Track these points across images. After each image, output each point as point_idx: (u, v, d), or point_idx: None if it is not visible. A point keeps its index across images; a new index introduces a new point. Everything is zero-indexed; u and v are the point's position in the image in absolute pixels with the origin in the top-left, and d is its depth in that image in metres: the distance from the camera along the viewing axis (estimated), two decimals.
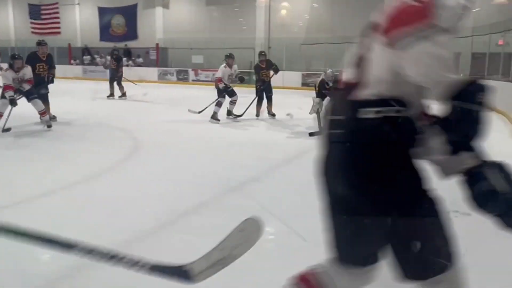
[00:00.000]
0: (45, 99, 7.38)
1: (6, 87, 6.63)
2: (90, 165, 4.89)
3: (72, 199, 3.74)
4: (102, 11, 24.09)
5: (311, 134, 6.92)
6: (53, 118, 7.71)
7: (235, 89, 8.69)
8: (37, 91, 7.10)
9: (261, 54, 9.32)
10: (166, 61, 22.20)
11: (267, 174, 4.71)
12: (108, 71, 13.35)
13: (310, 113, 7.38)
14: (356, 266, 1.57)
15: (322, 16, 19.27)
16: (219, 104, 8.42)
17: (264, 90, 8.90)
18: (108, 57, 22.32)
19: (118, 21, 24.00)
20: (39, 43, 7.76)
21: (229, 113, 8.72)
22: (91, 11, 24.46)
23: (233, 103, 8.63)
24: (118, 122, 8.03)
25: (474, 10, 16.02)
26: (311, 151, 5.91)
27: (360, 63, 1.48)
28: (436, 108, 1.39)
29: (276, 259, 2.74)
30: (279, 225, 3.32)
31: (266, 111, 9.01)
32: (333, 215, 1.63)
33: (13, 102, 6.51)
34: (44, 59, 7.63)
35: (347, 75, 1.53)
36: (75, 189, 4.01)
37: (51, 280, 2.45)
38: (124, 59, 22.41)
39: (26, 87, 6.83)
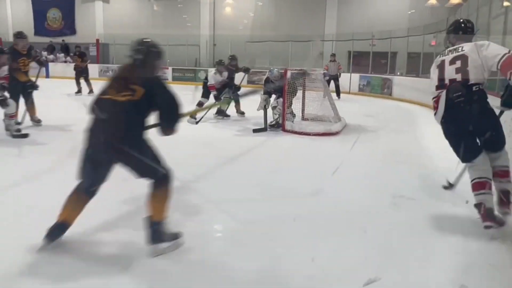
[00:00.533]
0: (30, 98, 6.91)
1: None
2: (30, 167, 4.60)
3: (9, 200, 3.50)
4: (36, 3, 22.75)
5: (255, 131, 6.99)
6: (38, 121, 7.23)
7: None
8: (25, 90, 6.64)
9: (233, 58, 9.22)
10: (108, 58, 21.40)
11: (212, 172, 4.68)
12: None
13: (257, 110, 7.46)
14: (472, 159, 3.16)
15: (266, 14, 19.44)
16: (200, 104, 8.24)
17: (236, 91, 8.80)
18: (44, 53, 21.21)
19: (54, 14, 22.78)
20: (19, 36, 6.81)
21: (220, 112, 8.60)
22: (24, 3, 23.01)
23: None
24: (57, 122, 7.60)
25: (409, 12, 16.91)
26: (255, 149, 6.04)
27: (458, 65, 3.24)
28: None
29: (224, 255, 2.72)
30: (228, 221, 3.32)
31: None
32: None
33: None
34: (25, 53, 6.79)
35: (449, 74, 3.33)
36: (23, 192, 3.77)
37: None
38: (61, 55, 21.41)
39: None
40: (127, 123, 2.54)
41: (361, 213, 3.50)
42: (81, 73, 12.93)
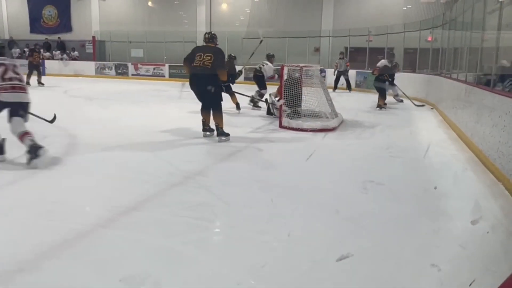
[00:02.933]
0: None
1: None
2: (20, 165, 4.61)
3: (1, 201, 3.51)
4: (32, 1, 22.66)
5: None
6: None
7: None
8: None
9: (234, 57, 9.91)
10: (104, 55, 21.35)
11: (210, 168, 4.70)
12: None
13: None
14: None
15: (263, 10, 19.42)
16: (261, 95, 9.68)
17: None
18: (41, 50, 21.10)
19: (49, 12, 22.71)
20: None
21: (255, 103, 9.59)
22: (19, 1, 22.92)
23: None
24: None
25: (405, 8, 16.93)
26: (252, 145, 6.09)
27: None
28: None
29: (223, 251, 2.75)
30: (224, 218, 3.35)
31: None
32: None
33: None
34: None
35: None
36: (3, 191, 3.77)
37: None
38: (58, 52, 21.35)
39: None
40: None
41: (351, 200, 3.54)
42: (36, 68, 14.49)
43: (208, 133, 6.26)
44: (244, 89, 10.32)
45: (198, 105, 6.40)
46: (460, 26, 8.48)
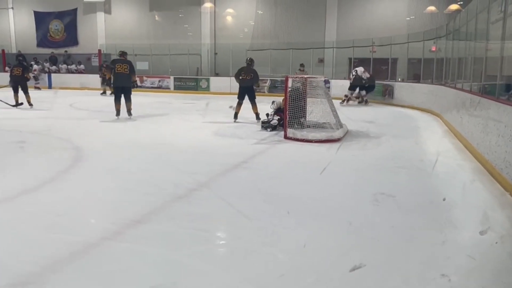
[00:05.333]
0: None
1: None
2: (27, 178, 4.63)
3: (7, 215, 3.52)
4: (39, 16, 22.98)
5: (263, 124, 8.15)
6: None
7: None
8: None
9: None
10: (109, 67, 21.52)
11: (215, 180, 4.70)
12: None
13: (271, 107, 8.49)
14: None
15: (267, 22, 19.57)
16: None
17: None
18: (47, 64, 21.35)
19: (56, 26, 23.00)
20: None
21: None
22: (26, 16, 23.25)
23: None
24: (58, 132, 7.68)
25: (408, 18, 17.00)
26: (257, 156, 6.09)
27: None
28: None
29: (228, 263, 2.74)
30: (229, 230, 3.33)
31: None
32: None
33: None
34: None
35: None
36: (11, 204, 3.78)
37: None
38: (64, 65, 21.58)
39: None
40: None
41: (357, 211, 3.52)
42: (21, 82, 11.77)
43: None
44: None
45: (202, 117, 6.42)
46: (464, 36, 8.49)
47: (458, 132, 7.37)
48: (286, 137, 7.18)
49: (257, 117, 9.05)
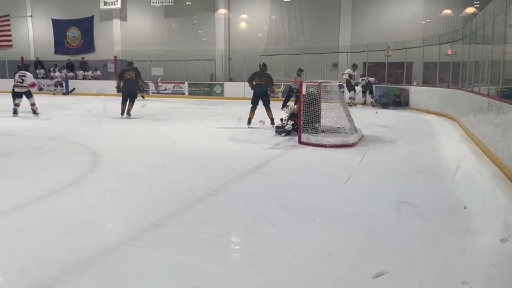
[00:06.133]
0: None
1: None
2: (45, 182, 4.71)
3: (26, 219, 3.58)
4: (56, 24, 23.40)
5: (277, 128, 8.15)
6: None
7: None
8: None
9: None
10: None
11: (230, 185, 4.71)
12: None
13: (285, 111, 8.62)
14: None
15: (280, 27, 19.59)
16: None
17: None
18: (64, 71, 21.75)
19: (73, 33, 23.39)
20: None
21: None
22: (44, 23, 23.71)
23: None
24: (75, 137, 7.80)
25: (423, 22, 16.84)
26: (272, 161, 6.09)
27: None
28: None
29: (244, 269, 2.74)
30: (244, 235, 3.33)
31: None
32: None
33: None
34: None
35: None
36: (30, 209, 3.84)
37: None
38: (80, 72, 21.94)
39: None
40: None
41: (374, 217, 3.48)
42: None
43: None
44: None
45: (217, 122, 6.44)
46: (481, 39, 8.38)
47: (475, 137, 7.26)
48: (300, 142, 7.16)
49: (272, 122, 9.05)
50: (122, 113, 10.72)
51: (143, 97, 17.81)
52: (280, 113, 8.64)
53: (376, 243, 3.10)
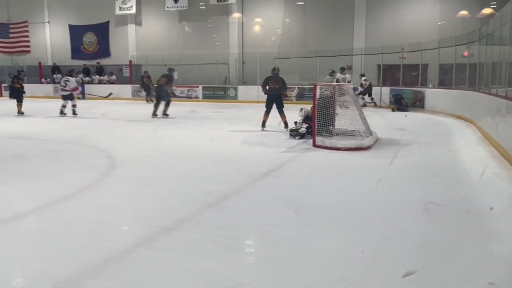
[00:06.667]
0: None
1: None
2: (63, 186, 4.79)
3: (45, 222, 3.65)
4: (73, 29, 23.81)
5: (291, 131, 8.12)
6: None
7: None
8: None
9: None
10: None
11: (245, 188, 4.72)
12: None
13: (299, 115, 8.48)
14: None
15: (294, 30, 19.60)
16: None
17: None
18: (80, 75, 22.10)
19: (89, 39, 23.76)
20: None
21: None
22: (61, 29, 24.14)
23: None
24: (92, 141, 7.91)
25: (439, 23, 16.66)
26: (286, 164, 6.09)
27: None
28: None
29: (259, 272, 2.74)
30: (260, 239, 3.34)
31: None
32: None
33: None
34: None
35: None
36: (47, 212, 3.91)
37: None
38: (96, 76, 22.26)
39: None
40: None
41: (390, 221, 3.45)
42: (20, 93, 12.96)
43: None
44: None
45: (231, 126, 6.47)
46: (498, 40, 8.25)
47: (493, 139, 7.14)
48: (314, 145, 7.14)
49: (286, 126, 9.04)
50: (153, 115, 11.80)
51: (147, 100, 18.53)
52: (295, 116, 8.62)
53: (392, 247, 3.07)
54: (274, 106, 9.15)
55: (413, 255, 2.94)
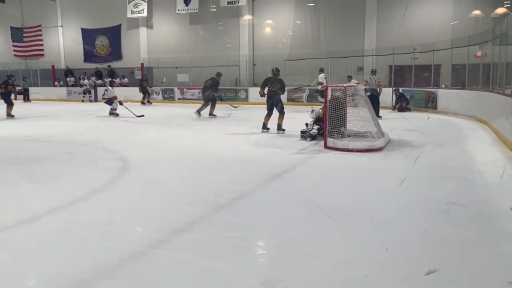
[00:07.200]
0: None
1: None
2: (77, 187, 4.84)
3: (60, 223, 3.69)
4: (86, 33, 24.09)
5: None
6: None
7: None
8: None
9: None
10: (152, 81, 22.20)
11: (256, 190, 4.73)
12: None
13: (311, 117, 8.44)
14: None
15: (305, 32, 19.57)
16: None
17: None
18: (93, 78, 22.34)
19: (102, 42, 24.02)
20: None
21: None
22: (74, 33, 24.44)
23: None
24: (105, 143, 8.00)
25: (452, 23, 16.49)
26: (298, 166, 6.08)
27: None
28: None
29: (270, 274, 2.74)
30: (272, 240, 3.34)
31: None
32: None
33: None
34: None
35: None
36: (62, 213, 3.96)
37: None
38: (108, 79, 22.48)
39: None
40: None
41: (403, 223, 3.43)
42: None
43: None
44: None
45: (241, 128, 6.48)
46: None
47: (508, 140, 7.04)
48: (326, 146, 7.12)
49: (279, 128, 8.99)
50: (197, 113, 12.69)
51: (143, 103, 18.74)
52: (306, 118, 8.61)
53: (406, 249, 3.05)
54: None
55: (431, 256, 2.90)
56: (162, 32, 22.48)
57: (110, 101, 13.34)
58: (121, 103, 13.47)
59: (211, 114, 12.76)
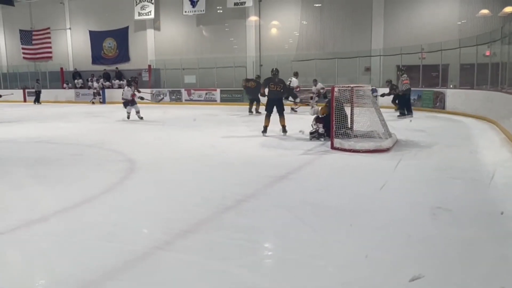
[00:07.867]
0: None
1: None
2: (84, 189, 4.87)
3: (68, 224, 3.71)
4: (93, 35, 24.27)
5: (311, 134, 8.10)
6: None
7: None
8: None
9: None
10: (159, 82, 22.31)
11: (263, 191, 4.72)
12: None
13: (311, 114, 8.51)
14: None
15: (311, 32, 19.54)
16: None
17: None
18: (101, 80, 22.49)
19: (109, 44, 24.18)
20: None
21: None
22: (82, 35, 24.63)
23: None
24: (112, 145, 8.04)
25: (459, 23, 16.37)
26: (304, 167, 6.07)
27: None
28: None
29: (277, 275, 2.74)
30: (278, 242, 3.33)
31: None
32: None
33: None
34: None
35: None
36: (70, 214, 3.99)
37: None
38: (116, 81, 22.62)
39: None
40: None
41: (411, 224, 3.40)
42: None
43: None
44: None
45: (248, 129, 6.48)
46: None
47: None
48: (333, 147, 7.10)
49: (284, 130, 8.92)
50: (249, 111, 14.16)
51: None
52: (311, 120, 8.59)
53: (413, 250, 3.03)
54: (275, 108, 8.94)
55: (432, 258, 2.88)
56: (169, 34, 22.57)
57: (126, 103, 13.02)
58: (142, 98, 13.37)
59: (257, 111, 14.00)
